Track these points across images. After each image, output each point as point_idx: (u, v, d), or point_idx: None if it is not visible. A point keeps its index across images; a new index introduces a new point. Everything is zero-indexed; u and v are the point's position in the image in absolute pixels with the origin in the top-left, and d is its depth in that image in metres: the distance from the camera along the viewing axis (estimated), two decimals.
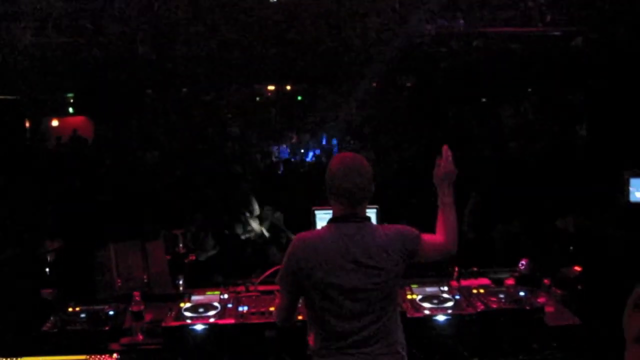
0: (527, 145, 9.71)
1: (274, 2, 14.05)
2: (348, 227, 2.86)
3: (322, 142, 14.30)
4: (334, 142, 13.83)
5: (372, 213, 4.05)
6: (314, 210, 4.21)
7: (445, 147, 3.13)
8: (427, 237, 3.00)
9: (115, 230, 4.95)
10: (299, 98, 16.81)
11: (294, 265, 2.84)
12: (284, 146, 13.79)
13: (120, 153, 10.21)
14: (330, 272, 2.79)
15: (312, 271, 2.80)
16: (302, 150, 13.71)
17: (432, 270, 4.28)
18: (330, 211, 2.99)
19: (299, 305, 3.02)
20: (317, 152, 13.25)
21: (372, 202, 3.03)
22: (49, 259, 4.84)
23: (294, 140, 14.51)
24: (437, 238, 3.05)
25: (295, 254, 2.85)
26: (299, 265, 2.82)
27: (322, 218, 4.10)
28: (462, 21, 12.43)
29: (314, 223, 4.21)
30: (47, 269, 4.81)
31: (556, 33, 11.79)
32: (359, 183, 2.86)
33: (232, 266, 5.85)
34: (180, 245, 4.47)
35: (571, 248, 4.92)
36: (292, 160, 12.38)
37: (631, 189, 2.46)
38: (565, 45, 11.78)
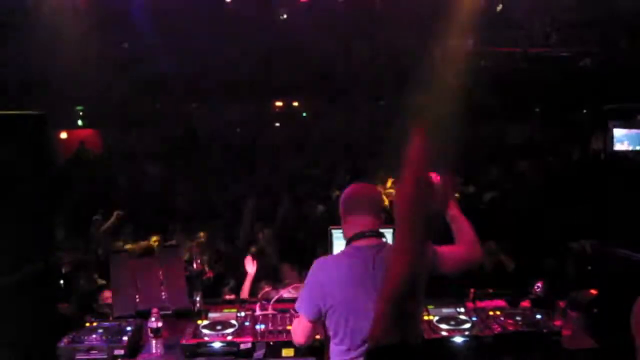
0: (537, 165, 9.74)
1: (284, 18, 14.14)
2: (366, 246, 2.89)
3: None
4: None
5: (388, 233, 4.09)
6: (330, 230, 4.23)
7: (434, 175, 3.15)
8: (445, 249, 3.03)
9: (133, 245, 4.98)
10: (304, 114, 16.85)
11: (313, 289, 2.88)
12: None
13: (130, 166, 10.25)
14: (349, 296, 2.81)
15: (333, 295, 2.82)
16: None
17: (449, 293, 4.29)
18: None
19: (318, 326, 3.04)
20: None
21: None
22: (63, 270, 4.87)
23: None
24: (456, 249, 3.08)
25: (315, 278, 2.89)
26: (319, 289, 2.86)
27: (339, 237, 4.12)
28: (470, 41, 12.48)
29: (330, 243, 4.23)
30: (60, 281, 4.83)
31: (564, 54, 11.84)
32: (370, 199, 3.01)
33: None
34: (198, 261, 4.49)
35: (589, 268, 4.93)
36: None
37: (614, 140, 2.48)
38: (573, 65, 11.83)
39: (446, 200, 3.12)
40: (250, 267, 5.00)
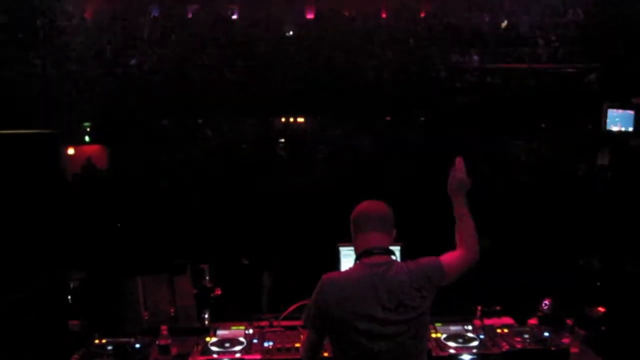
0: (542, 180, 9.74)
1: (290, 35, 14.28)
2: (374, 264, 2.91)
3: None
4: None
5: (396, 249, 4.11)
6: (338, 247, 4.25)
7: (459, 158, 3.22)
8: (447, 257, 3.05)
9: (142, 261, 5.00)
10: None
11: (321, 306, 2.87)
12: None
13: (136, 182, 10.28)
14: (358, 313, 2.81)
15: (340, 312, 2.82)
16: None
17: (456, 310, 4.30)
18: None
19: (325, 342, 3.05)
20: None
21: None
22: (72, 285, 4.89)
23: None
24: (457, 253, 3.10)
25: (323, 295, 2.87)
26: (326, 306, 2.85)
27: (347, 254, 4.14)
28: (476, 57, 12.58)
29: (338, 259, 4.25)
30: (70, 298, 4.85)
31: (570, 70, 11.91)
32: (380, 217, 3.01)
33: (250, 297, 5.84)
34: (207, 278, 4.50)
35: (598, 284, 4.93)
36: None
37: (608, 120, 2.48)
38: (579, 81, 11.88)
39: (464, 182, 3.17)
40: (268, 280, 5.00)
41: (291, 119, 14.01)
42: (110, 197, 8.41)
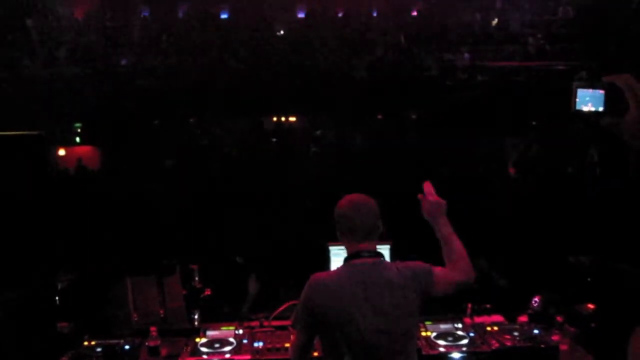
0: (534, 178, 9.77)
1: (281, 34, 14.26)
2: (362, 264, 2.91)
3: None
4: None
5: (385, 249, 4.12)
6: (328, 246, 4.25)
7: (426, 183, 3.17)
8: (439, 271, 3.01)
9: (131, 263, 4.98)
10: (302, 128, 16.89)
11: (309, 306, 2.86)
12: None
13: (127, 184, 10.26)
14: (346, 313, 2.80)
15: (329, 312, 2.81)
16: None
17: (446, 307, 4.29)
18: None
19: (315, 342, 3.05)
20: None
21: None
22: (59, 286, 4.86)
23: None
24: (448, 272, 3.03)
25: (311, 295, 2.86)
26: (315, 307, 2.83)
27: (337, 254, 4.14)
28: (467, 55, 12.59)
29: (328, 259, 4.24)
30: (59, 299, 4.82)
31: (561, 67, 11.93)
32: (365, 218, 2.95)
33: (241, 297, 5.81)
34: (197, 279, 4.49)
35: (589, 279, 4.94)
36: None
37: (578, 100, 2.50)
38: (569, 78, 11.89)
39: (439, 204, 3.11)
40: (253, 286, 4.98)
41: (282, 119, 14.01)
42: (99, 197, 8.38)
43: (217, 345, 3.93)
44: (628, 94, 2.34)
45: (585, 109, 2.53)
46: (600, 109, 2.51)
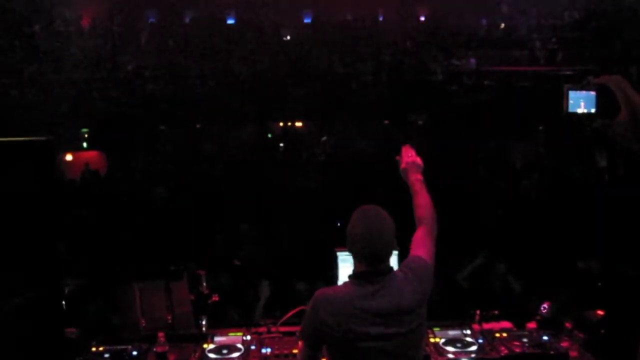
0: (541, 184, 9.73)
1: (288, 39, 14.29)
2: (371, 284, 2.83)
3: None
4: None
5: (393, 256, 4.08)
6: (335, 252, 4.22)
7: (405, 146, 3.34)
8: (422, 249, 3.02)
9: (139, 268, 4.98)
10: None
11: (316, 321, 2.81)
12: None
13: (134, 189, 10.28)
14: (353, 329, 2.76)
15: (335, 327, 2.77)
16: None
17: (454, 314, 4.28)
18: None
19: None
20: None
21: None
22: (66, 291, 4.86)
23: None
24: (422, 234, 3.08)
25: (317, 310, 2.82)
26: (322, 321, 2.79)
27: (345, 259, 4.11)
28: (473, 60, 12.59)
29: (335, 265, 4.22)
30: (66, 305, 4.83)
31: (568, 72, 11.89)
32: (381, 243, 2.82)
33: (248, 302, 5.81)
34: (204, 284, 4.48)
35: (599, 284, 4.92)
36: None
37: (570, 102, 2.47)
38: (576, 82, 11.85)
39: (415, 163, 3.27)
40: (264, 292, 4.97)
41: (289, 124, 14.02)
42: (107, 202, 8.40)
43: (224, 351, 3.92)
44: (619, 96, 2.32)
45: (579, 110, 2.51)
46: (593, 110, 2.49)
